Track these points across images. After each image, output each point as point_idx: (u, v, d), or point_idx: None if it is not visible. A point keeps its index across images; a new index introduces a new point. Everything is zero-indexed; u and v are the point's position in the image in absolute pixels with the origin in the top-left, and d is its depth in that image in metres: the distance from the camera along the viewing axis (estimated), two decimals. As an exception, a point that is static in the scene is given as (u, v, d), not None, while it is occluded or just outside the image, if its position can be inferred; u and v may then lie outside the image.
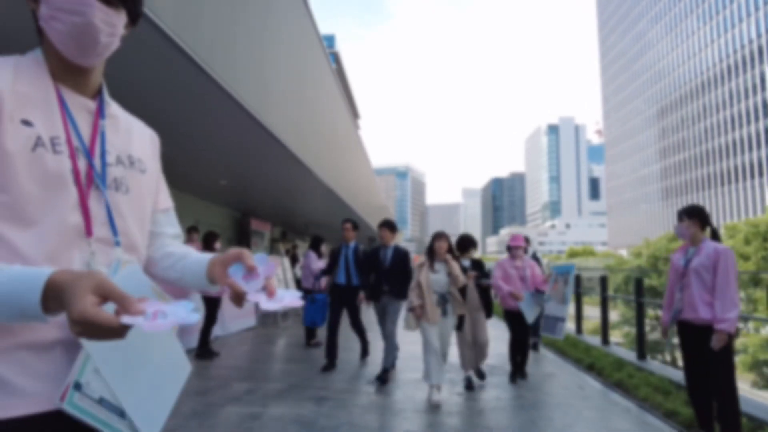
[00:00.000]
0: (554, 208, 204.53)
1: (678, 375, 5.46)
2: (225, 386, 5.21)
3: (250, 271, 0.95)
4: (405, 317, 5.12)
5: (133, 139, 1.15)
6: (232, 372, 5.91)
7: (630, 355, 6.83)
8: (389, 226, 5.95)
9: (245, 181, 10.81)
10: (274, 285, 0.97)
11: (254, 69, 6.09)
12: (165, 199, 1.25)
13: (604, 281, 7.90)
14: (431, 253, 5.11)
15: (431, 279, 4.94)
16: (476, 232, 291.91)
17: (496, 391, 5.27)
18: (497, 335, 8.53)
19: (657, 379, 5.41)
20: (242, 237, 15.92)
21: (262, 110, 6.18)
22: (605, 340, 7.74)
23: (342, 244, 6.51)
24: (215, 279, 1.03)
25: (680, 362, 7.70)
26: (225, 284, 1.00)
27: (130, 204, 1.07)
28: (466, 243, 5.91)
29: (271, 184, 11.21)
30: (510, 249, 5.86)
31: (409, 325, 5.06)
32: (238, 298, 0.96)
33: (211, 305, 6.78)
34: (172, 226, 1.25)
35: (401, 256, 5.93)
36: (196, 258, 1.13)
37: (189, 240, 8.66)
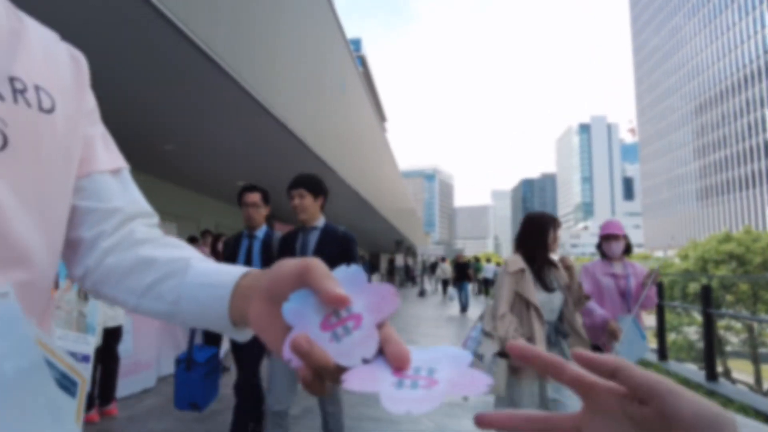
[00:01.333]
0: (587, 209, 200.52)
1: (764, 403, 4.58)
2: (228, 410, 4.56)
3: (337, 308, 0.39)
4: (489, 366, 2.55)
5: (23, 53, 0.58)
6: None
7: (697, 375, 5.95)
8: (308, 184, 3.04)
9: (265, 182, 10.44)
10: (401, 348, 0.39)
11: (276, 69, 5.53)
12: (110, 158, 0.71)
13: (660, 287, 7.05)
14: (541, 253, 2.79)
15: (540, 300, 2.71)
16: (506, 235, 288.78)
17: None
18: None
19: (736, 407, 4.54)
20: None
21: (277, 105, 5.63)
22: (663, 354, 6.87)
23: (244, 230, 3.64)
24: (249, 319, 0.47)
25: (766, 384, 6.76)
26: (278, 348, 0.43)
27: (7, 169, 0.52)
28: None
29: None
30: (602, 245, 3.59)
31: (496, 385, 2.56)
32: (328, 374, 0.39)
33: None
34: (133, 201, 0.70)
35: (338, 242, 2.98)
36: (206, 272, 0.56)
37: (199, 246, 8.15)
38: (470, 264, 18.06)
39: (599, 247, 3.66)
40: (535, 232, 2.83)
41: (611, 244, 3.55)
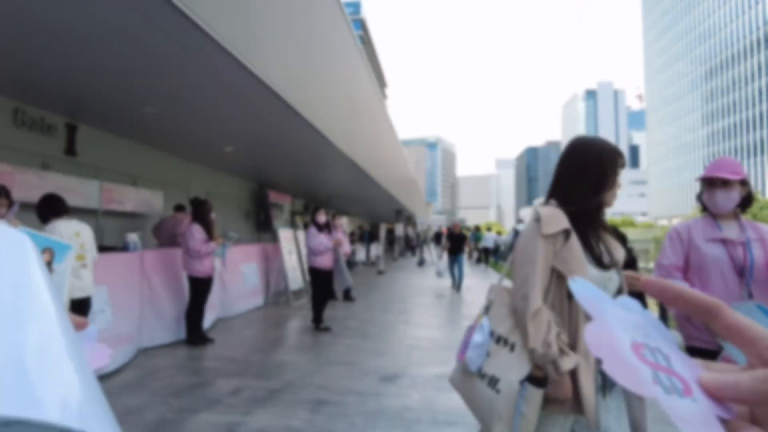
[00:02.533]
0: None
1: None
2: (207, 384, 4.44)
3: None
4: (510, 397, 1.53)
5: None
6: (222, 364, 5.16)
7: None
8: None
9: (255, 149, 10.23)
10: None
11: (258, 28, 5.20)
12: None
13: None
14: (595, 207, 1.71)
15: (591, 281, 1.63)
16: (509, 204, 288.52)
17: None
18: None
19: None
20: (260, 210, 15.33)
21: (260, 65, 5.32)
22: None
23: None
24: None
25: None
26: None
27: None
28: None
29: (285, 154, 10.70)
30: (704, 195, 2.37)
31: (525, 424, 1.52)
32: None
33: (199, 287, 6.02)
34: None
35: None
36: None
37: (174, 220, 7.96)
38: (467, 235, 16.27)
39: (700, 198, 2.41)
40: (589, 170, 1.68)
41: (716, 193, 2.28)
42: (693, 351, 2.35)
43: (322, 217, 7.18)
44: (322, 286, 7.13)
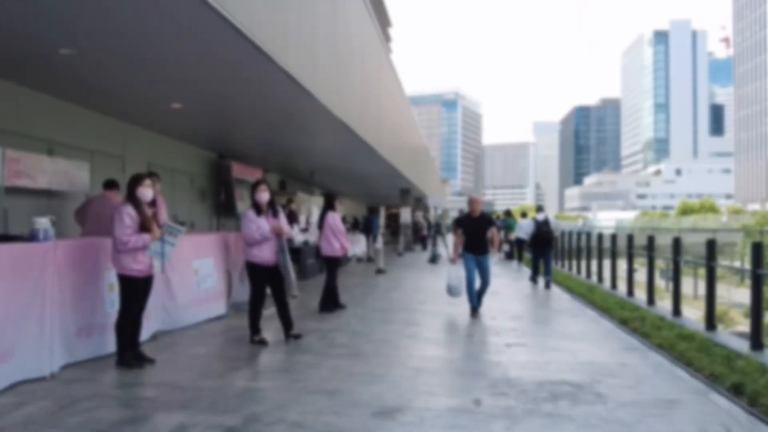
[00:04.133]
0: (660, 148, 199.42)
1: None
2: (142, 420, 4.37)
3: None
4: None
5: None
6: (162, 393, 5.09)
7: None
8: None
9: (213, 106, 10.20)
10: None
11: None
12: None
13: (759, 250, 6.81)
14: None
15: None
16: (552, 182, 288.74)
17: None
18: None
19: None
20: (221, 187, 15.31)
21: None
22: (757, 342, 6.64)
23: None
24: None
25: None
26: None
27: None
28: None
29: (254, 114, 10.74)
30: None
31: None
32: None
33: (131, 290, 5.94)
34: None
35: None
36: None
37: (103, 201, 7.89)
38: (495, 220, 12.37)
39: None
40: None
41: None
42: None
43: (263, 195, 7.08)
44: (260, 286, 7.22)
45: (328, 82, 9.91)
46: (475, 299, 9.44)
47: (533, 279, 14.47)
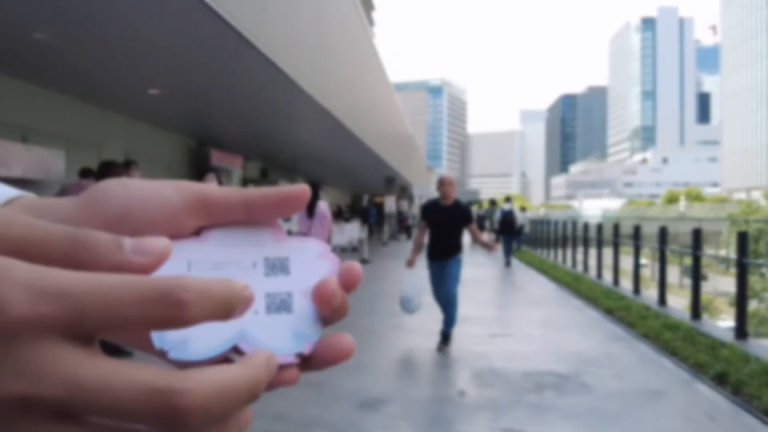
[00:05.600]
0: (647, 136, 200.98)
1: None
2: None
3: None
4: None
5: None
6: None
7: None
8: None
9: (192, 93, 10.15)
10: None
11: None
12: None
13: (744, 239, 6.92)
14: None
15: None
16: (538, 171, 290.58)
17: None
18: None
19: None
20: (200, 176, 15.20)
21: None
22: (741, 331, 6.74)
23: None
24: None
25: None
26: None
27: None
28: None
29: (234, 101, 10.71)
30: None
31: None
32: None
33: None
34: None
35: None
36: None
37: (80, 189, 7.80)
38: (474, 211, 11.97)
39: None
40: None
41: None
42: None
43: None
44: None
45: (311, 68, 9.87)
46: (445, 321, 6.69)
47: (507, 262, 16.41)
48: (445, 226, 6.80)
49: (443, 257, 6.82)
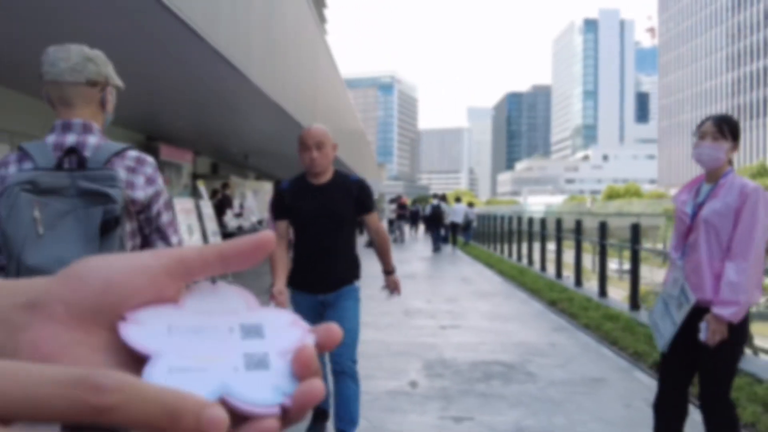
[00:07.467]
0: (589, 134, 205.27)
1: None
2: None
3: None
4: None
5: None
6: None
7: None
8: None
9: (137, 84, 9.84)
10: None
11: None
12: None
13: (637, 230, 7.39)
14: None
15: None
16: (485, 168, 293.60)
17: (513, 411, 4.38)
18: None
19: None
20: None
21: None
22: (634, 304, 7.14)
23: None
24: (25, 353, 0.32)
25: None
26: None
27: None
28: None
29: (181, 93, 10.41)
30: None
31: None
32: None
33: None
34: None
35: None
36: None
37: None
38: (371, 197, 13.57)
39: None
40: None
41: None
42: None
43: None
44: None
45: (262, 62, 9.74)
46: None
47: (437, 248, 19.43)
48: (323, 222, 3.52)
49: (324, 286, 3.59)
